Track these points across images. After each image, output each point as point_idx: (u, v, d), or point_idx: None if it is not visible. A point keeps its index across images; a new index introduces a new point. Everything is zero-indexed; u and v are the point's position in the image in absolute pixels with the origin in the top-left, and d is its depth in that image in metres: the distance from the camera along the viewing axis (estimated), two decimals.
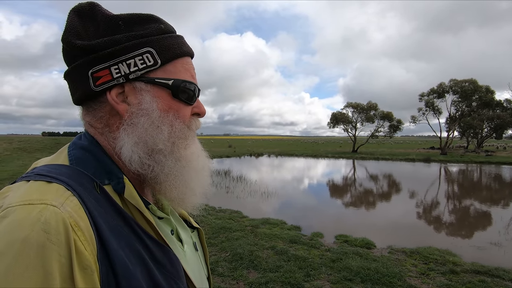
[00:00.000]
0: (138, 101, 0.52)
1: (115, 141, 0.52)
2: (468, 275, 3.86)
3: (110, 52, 0.49)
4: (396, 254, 4.58)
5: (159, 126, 0.52)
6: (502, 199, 10.04)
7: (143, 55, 0.51)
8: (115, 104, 0.51)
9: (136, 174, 0.53)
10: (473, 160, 24.06)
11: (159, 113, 0.52)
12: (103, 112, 0.52)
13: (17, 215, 0.37)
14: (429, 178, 15.13)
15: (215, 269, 3.78)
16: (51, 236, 0.37)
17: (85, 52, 0.50)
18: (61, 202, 0.40)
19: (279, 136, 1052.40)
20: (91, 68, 0.49)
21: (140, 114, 0.51)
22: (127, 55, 0.50)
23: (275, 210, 7.94)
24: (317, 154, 30.38)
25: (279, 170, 18.71)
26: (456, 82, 31.51)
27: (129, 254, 0.45)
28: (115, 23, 0.52)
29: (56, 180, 0.43)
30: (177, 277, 0.51)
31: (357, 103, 33.56)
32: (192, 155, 0.57)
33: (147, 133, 0.51)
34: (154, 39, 0.53)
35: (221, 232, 5.29)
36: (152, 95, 0.52)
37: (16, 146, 25.23)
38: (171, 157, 0.54)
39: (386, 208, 8.81)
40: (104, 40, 0.49)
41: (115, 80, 0.50)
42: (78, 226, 0.40)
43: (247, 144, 55.84)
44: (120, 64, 0.50)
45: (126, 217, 0.48)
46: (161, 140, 0.52)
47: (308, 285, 3.46)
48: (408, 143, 74.79)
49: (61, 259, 0.36)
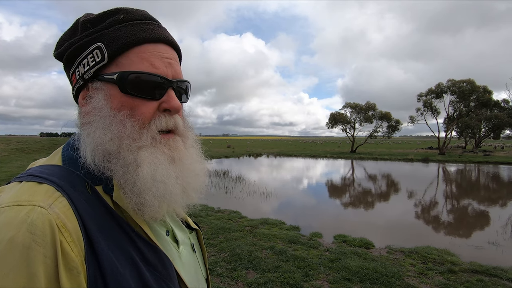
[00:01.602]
0: (96, 99, 0.49)
1: None
2: (466, 274, 3.87)
3: (68, 55, 0.50)
4: (395, 254, 4.59)
5: (108, 126, 0.48)
6: (500, 199, 10.08)
7: (93, 52, 0.48)
8: (81, 106, 0.52)
9: None
10: (471, 160, 24.14)
11: (108, 112, 0.48)
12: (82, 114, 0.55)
13: (5, 216, 0.38)
14: (427, 178, 15.17)
15: (214, 269, 3.78)
16: (37, 237, 0.37)
17: (59, 59, 0.53)
18: (49, 203, 0.40)
19: (278, 136, 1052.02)
20: (68, 73, 0.53)
21: (93, 114, 0.49)
22: (81, 55, 0.49)
23: (274, 211, 7.94)
24: (315, 155, 30.40)
25: (278, 170, 18.71)
26: (454, 83, 31.61)
27: (118, 255, 0.44)
28: (83, 26, 0.51)
29: (47, 181, 0.43)
30: (168, 279, 0.50)
31: (356, 103, 33.62)
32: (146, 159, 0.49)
33: (100, 135, 0.48)
34: (105, 32, 0.49)
35: (220, 233, 5.28)
36: (105, 93, 0.49)
37: (14, 147, 25.12)
38: (117, 160, 0.49)
39: (384, 208, 8.82)
40: (64, 46, 0.50)
41: (78, 83, 0.51)
42: (65, 227, 0.40)
43: (246, 145, 55.83)
44: (80, 65, 0.50)
45: (117, 218, 0.47)
46: (107, 141, 0.48)
47: (307, 285, 3.46)
48: (407, 143, 74.99)
49: (46, 260, 0.37)
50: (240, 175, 14.37)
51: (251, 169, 18.77)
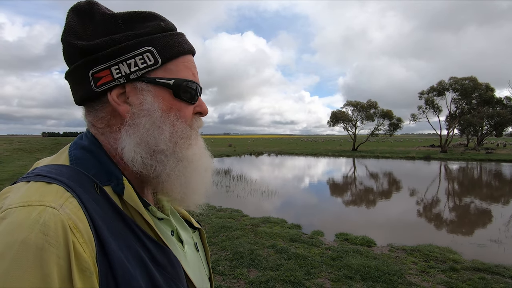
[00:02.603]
0: (140, 102, 0.51)
1: (116, 141, 0.51)
2: (468, 272, 3.87)
3: (109, 52, 0.48)
4: (397, 252, 4.59)
5: (160, 126, 0.51)
6: (502, 197, 10.05)
7: (143, 54, 0.50)
8: (116, 105, 0.50)
9: (137, 175, 0.53)
10: (473, 157, 24.06)
11: (160, 113, 0.52)
12: (105, 113, 0.52)
13: (16, 217, 0.37)
14: (429, 176, 15.13)
15: (216, 268, 3.79)
16: (50, 238, 0.37)
17: (84, 52, 0.49)
18: (60, 203, 0.40)
19: (279, 135, 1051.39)
20: (91, 68, 0.49)
21: (142, 115, 0.51)
22: (127, 54, 0.49)
23: (275, 209, 7.95)
24: (317, 153, 30.37)
25: (279, 169, 18.71)
26: (456, 80, 31.46)
27: (128, 255, 0.44)
28: (114, 22, 0.51)
29: (56, 181, 0.43)
30: (177, 279, 0.50)
31: (357, 101, 33.54)
32: (194, 156, 0.56)
33: (149, 134, 0.51)
34: (154, 37, 0.51)
35: (222, 231, 5.30)
36: (153, 95, 0.51)
37: (16, 147, 25.23)
38: (172, 157, 0.53)
39: (386, 206, 8.81)
40: (103, 40, 0.49)
41: (116, 81, 0.49)
42: (77, 228, 0.39)
43: (247, 143, 55.85)
44: (120, 64, 0.49)
45: (126, 219, 0.47)
46: (163, 140, 0.52)
47: (309, 283, 3.47)
48: (408, 141, 74.82)
49: (59, 261, 0.36)
50: (241, 174, 14.39)
51: (252, 167, 18.78)
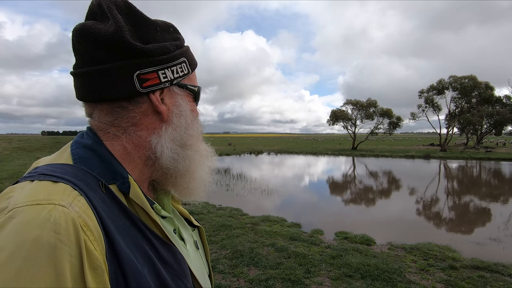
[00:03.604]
0: (176, 103, 0.57)
1: (142, 138, 0.54)
2: (468, 270, 3.88)
3: (162, 58, 0.53)
4: (396, 251, 4.60)
5: (190, 125, 0.59)
6: (502, 195, 10.07)
7: (181, 64, 0.57)
8: (158, 105, 0.54)
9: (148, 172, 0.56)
10: (472, 156, 24.07)
11: (190, 114, 0.59)
12: (136, 112, 0.53)
13: (26, 216, 0.37)
14: (428, 175, 15.15)
15: (216, 266, 3.80)
16: (62, 237, 0.36)
17: (140, 54, 0.50)
18: (69, 202, 0.40)
19: (279, 133, 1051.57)
20: (138, 70, 0.50)
21: (179, 115, 0.57)
22: (173, 62, 0.55)
23: (275, 208, 7.96)
24: (316, 152, 30.38)
25: (279, 167, 18.72)
26: (455, 79, 31.44)
27: (136, 253, 0.45)
28: (155, 29, 0.55)
29: (62, 180, 0.43)
30: (184, 276, 0.51)
31: (357, 100, 33.52)
32: (205, 151, 0.65)
33: (183, 131, 0.57)
34: (185, 49, 0.59)
35: (222, 230, 5.30)
36: (183, 98, 0.58)
37: (16, 146, 25.21)
38: (194, 151, 0.60)
39: (386, 204, 8.83)
40: (158, 46, 0.53)
41: (162, 84, 0.54)
42: (87, 226, 0.39)
43: (246, 142, 55.85)
44: (166, 69, 0.54)
45: (132, 217, 0.48)
46: (191, 136, 0.59)
47: (308, 281, 3.48)
48: (408, 140, 74.86)
49: (72, 260, 0.36)
50: (241, 173, 14.39)
51: (252, 166, 18.79)
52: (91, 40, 0.48)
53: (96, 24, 0.49)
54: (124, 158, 0.53)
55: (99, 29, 0.48)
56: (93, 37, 0.48)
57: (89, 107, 0.54)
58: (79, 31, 0.49)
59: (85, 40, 0.49)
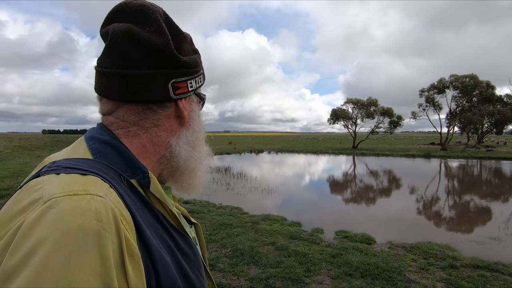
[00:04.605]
0: (193, 109, 0.63)
1: (162, 139, 0.58)
2: (468, 269, 3.88)
3: (194, 70, 0.59)
4: (396, 249, 4.60)
5: (200, 128, 0.65)
6: (502, 194, 10.06)
7: (201, 75, 0.63)
8: (183, 111, 0.59)
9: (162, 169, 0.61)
10: (473, 155, 24.05)
11: (200, 119, 0.66)
12: (162, 115, 0.57)
13: (66, 205, 0.37)
14: (429, 174, 15.14)
15: (216, 265, 3.81)
16: (104, 224, 0.38)
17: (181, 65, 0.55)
18: (104, 192, 0.41)
19: (280, 132, 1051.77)
20: (174, 78, 0.55)
21: (195, 119, 0.63)
22: (198, 74, 0.61)
23: (275, 206, 7.97)
24: (317, 151, 30.37)
25: (279, 166, 18.73)
26: (456, 78, 31.36)
27: (160, 244, 0.47)
28: (185, 40, 0.59)
29: (90, 173, 0.43)
30: (200, 266, 0.56)
31: (357, 99, 33.48)
32: (207, 152, 0.71)
33: (195, 135, 0.64)
34: (201, 61, 0.64)
35: (222, 229, 5.31)
36: (196, 105, 0.64)
37: (17, 144, 25.24)
38: (199, 152, 0.66)
39: (386, 203, 8.83)
40: (192, 59, 0.58)
41: (189, 93, 0.59)
42: (123, 216, 0.41)
43: (247, 141, 55.84)
44: (192, 80, 0.59)
45: (153, 209, 0.50)
46: (199, 139, 0.65)
47: (309, 280, 3.48)
48: (408, 139, 74.76)
49: (114, 247, 0.38)
50: (241, 172, 14.40)
51: (253, 165, 18.79)
52: (139, 46, 0.50)
53: (143, 31, 0.51)
54: (140, 155, 0.55)
55: (148, 37, 0.50)
56: (142, 43, 0.50)
57: (112, 105, 0.55)
58: (127, 33, 0.50)
59: (131, 43, 0.50)
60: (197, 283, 0.52)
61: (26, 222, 0.36)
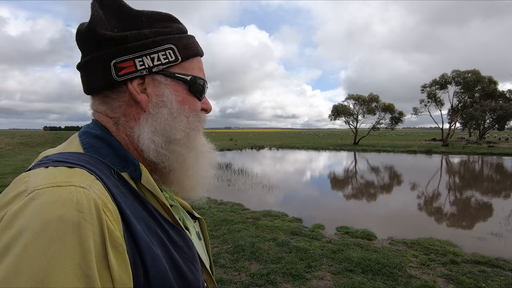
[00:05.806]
0: (159, 93, 0.54)
1: (132, 130, 0.54)
2: (469, 265, 3.89)
3: (137, 45, 0.52)
4: (397, 245, 4.61)
5: (176, 117, 0.55)
6: (504, 190, 10.04)
7: (166, 51, 0.54)
8: (136, 94, 0.52)
9: (148, 164, 0.56)
10: (475, 151, 23.97)
11: (177, 105, 0.55)
12: (121, 102, 0.53)
13: (48, 197, 0.38)
14: (430, 170, 15.11)
15: (217, 260, 3.83)
16: (85, 215, 0.38)
17: (113, 42, 0.51)
18: (88, 184, 0.41)
19: (281, 129, 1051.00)
20: (115, 58, 0.51)
21: (160, 105, 0.54)
22: (152, 49, 0.53)
23: (276, 203, 7.98)
24: (318, 147, 30.35)
25: (280, 162, 18.74)
26: (458, 73, 31.15)
27: (149, 235, 0.47)
28: (139, 18, 0.54)
29: (77, 165, 0.44)
30: (194, 259, 0.54)
31: (359, 95, 33.36)
32: (203, 146, 0.62)
33: (166, 123, 0.54)
34: (176, 37, 0.56)
35: (223, 225, 5.33)
36: (170, 88, 0.55)
37: (18, 141, 25.32)
38: (186, 147, 0.57)
39: (387, 199, 8.84)
40: (133, 33, 0.52)
41: (139, 72, 0.52)
42: (106, 207, 0.41)
43: (248, 137, 55.85)
44: (144, 57, 0.52)
45: (144, 201, 0.50)
46: (178, 130, 0.55)
47: (309, 276, 3.50)
48: (410, 135, 74.61)
49: (95, 237, 0.38)
50: (242, 168, 14.42)
51: (254, 161, 18.81)
52: (79, 36, 0.54)
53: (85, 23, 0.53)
54: (128, 148, 0.54)
55: (82, 24, 0.53)
56: (78, 33, 0.54)
57: (92, 100, 0.58)
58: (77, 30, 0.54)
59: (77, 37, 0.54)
60: (190, 276, 0.50)
61: (8, 213, 0.37)
